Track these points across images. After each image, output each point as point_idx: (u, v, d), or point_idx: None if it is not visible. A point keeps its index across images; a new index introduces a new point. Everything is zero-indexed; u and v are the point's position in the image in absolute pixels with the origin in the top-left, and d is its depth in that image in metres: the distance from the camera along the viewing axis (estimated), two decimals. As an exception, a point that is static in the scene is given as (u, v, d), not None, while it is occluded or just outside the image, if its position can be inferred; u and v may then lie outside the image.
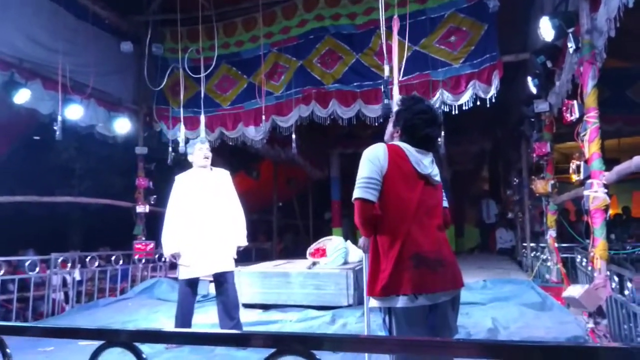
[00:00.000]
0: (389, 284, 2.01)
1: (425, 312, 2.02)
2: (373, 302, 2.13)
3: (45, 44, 6.07)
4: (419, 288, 1.99)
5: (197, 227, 4.05)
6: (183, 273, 4.07)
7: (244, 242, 4.21)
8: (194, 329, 4.13)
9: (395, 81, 4.19)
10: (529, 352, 0.88)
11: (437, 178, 2.23)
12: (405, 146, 2.16)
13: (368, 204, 2.08)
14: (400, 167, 2.10)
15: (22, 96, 5.69)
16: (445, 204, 2.29)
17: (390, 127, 2.31)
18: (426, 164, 2.17)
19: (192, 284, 4.12)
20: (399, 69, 4.37)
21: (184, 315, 4.08)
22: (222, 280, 4.08)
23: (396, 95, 4.47)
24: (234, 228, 4.18)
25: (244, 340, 1.16)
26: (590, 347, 0.89)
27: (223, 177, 4.29)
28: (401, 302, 2.00)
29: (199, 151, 4.18)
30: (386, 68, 4.24)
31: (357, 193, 2.10)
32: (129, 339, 1.16)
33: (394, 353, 1.58)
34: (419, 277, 1.99)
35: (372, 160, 2.10)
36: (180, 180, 4.21)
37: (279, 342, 1.02)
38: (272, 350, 1.01)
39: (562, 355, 0.87)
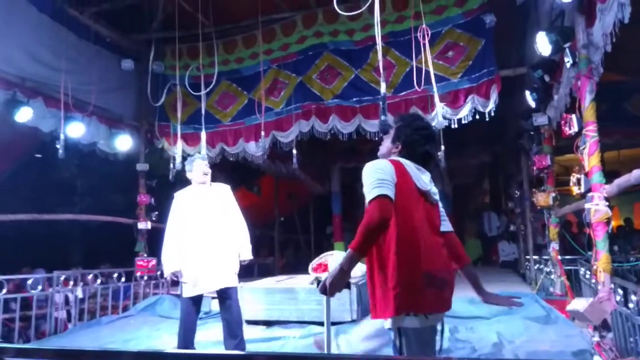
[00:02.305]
0: (401, 303, 1.93)
1: (435, 332, 2.00)
2: (387, 324, 2.04)
3: (48, 62, 6.13)
4: (430, 307, 1.95)
5: (198, 243, 4.04)
6: (186, 291, 4.05)
7: (249, 256, 4.20)
8: (197, 347, 4.12)
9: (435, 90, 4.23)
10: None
11: (436, 197, 2.20)
12: (405, 162, 2.13)
13: (389, 200, 1.93)
14: (405, 181, 2.05)
15: (24, 115, 5.73)
16: (448, 226, 2.21)
17: (388, 143, 2.26)
18: (426, 180, 2.15)
19: (195, 301, 4.10)
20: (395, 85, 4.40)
21: (187, 333, 4.05)
22: (225, 297, 4.05)
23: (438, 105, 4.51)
24: (238, 242, 4.17)
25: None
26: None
27: (223, 192, 4.28)
28: (413, 322, 1.94)
29: (198, 167, 4.17)
30: (382, 85, 4.28)
31: (374, 192, 1.93)
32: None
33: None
34: (431, 296, 1.95)
35: (382, 168, 2.03)
36: (180, 197, 4.21)
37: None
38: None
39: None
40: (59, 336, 5.48)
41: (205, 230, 4.07)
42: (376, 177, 1.98)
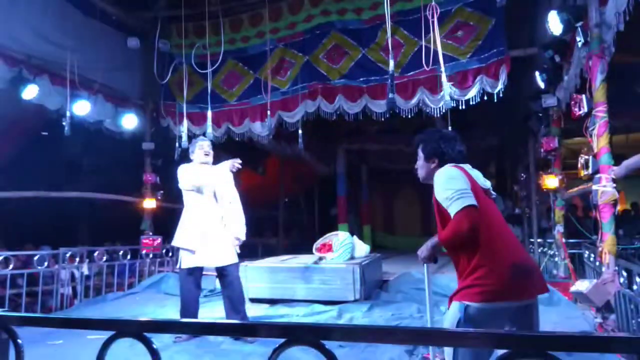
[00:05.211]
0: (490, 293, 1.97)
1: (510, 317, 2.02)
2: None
3: (53, 40, 6.11)
4: (519, 295, 2.00)
5: (197, 219, 4.09)
6: (183, 262, 4.12)
7: (241, 235, 4.18)
8: (203, 319, 4.16)
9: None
10: (535, 342, 0.88)
11: (493, 193, 2.29)
12: (465, 166, 2.22)
13: (475, 209, 2.02)
14: (473, 183, 2.13)
15: (30, 92, 5.73)
16: None
17: (423, 163, 2.31)
18: (482, 178, 2.24)
19: (194, 275, 4.12)
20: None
21: (187, 307, 4.08)
22: (225, 274, 4.10)
23: (445, 85, 4.45)
24: (232, 220, 4.19)
25: (253, 330, 1.17)
26: (593, 337, 0.89)
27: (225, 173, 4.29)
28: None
29: (200, 149, 4.19)
30: (391, 63, 4.22)
31: (460, 203, 2.01)
32: (138, 330, 1.17)
33: (403, 344, 1.55)
34: (519, 285, 2.00)
35: (457, 177, 2.11)
36: (185, 167, 4.18)
37: (289, 332, 1.03)
38: (282, 340, 1.01)
39: (566, 346, 0.87)
40: (65, 312, 5.57)
41: (204, 207, 4.09)
42: (456, 187, 2.05)
